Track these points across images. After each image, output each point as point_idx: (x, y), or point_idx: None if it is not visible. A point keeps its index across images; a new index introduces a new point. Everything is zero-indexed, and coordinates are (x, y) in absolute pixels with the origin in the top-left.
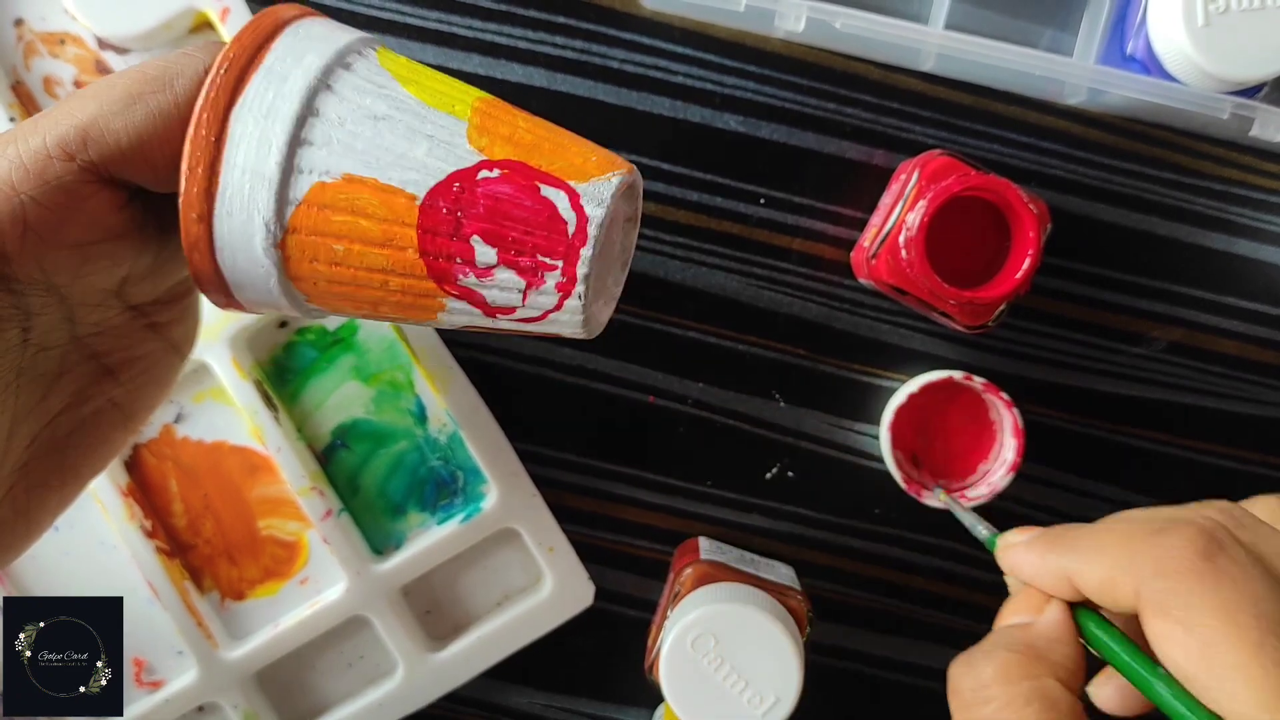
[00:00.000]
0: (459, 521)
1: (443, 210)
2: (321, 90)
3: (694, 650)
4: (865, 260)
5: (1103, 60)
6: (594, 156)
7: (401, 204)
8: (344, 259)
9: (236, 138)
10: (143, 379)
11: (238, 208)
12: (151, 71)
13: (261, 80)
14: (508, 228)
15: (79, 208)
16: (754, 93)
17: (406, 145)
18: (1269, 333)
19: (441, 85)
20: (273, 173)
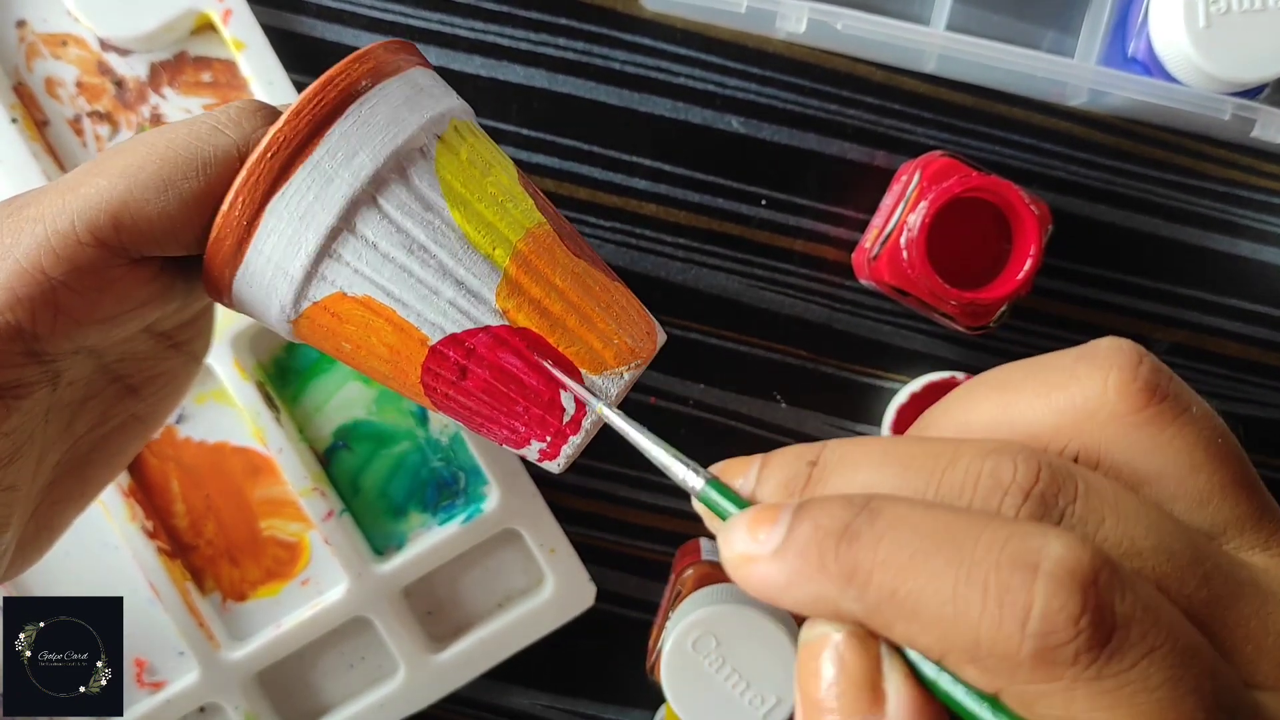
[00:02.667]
0: (460, 522)
1: (451, 360)
2: (365, 203)
3: (695, 651)
4: (866, 261)
5: (1104, 62)
6: (616, 341)
7: (413, 340)
8: (350, 354)
9: (268, 229)
10: (164, 391)
11: (258, 285)
12: (182, 153)
13: (305, 177)
14: (508, 396)
15: (109, 288)
16: (755, 94)
17: (434, 286)
18: (1271, 334)
19: (491, 213)
20: (297, 273)
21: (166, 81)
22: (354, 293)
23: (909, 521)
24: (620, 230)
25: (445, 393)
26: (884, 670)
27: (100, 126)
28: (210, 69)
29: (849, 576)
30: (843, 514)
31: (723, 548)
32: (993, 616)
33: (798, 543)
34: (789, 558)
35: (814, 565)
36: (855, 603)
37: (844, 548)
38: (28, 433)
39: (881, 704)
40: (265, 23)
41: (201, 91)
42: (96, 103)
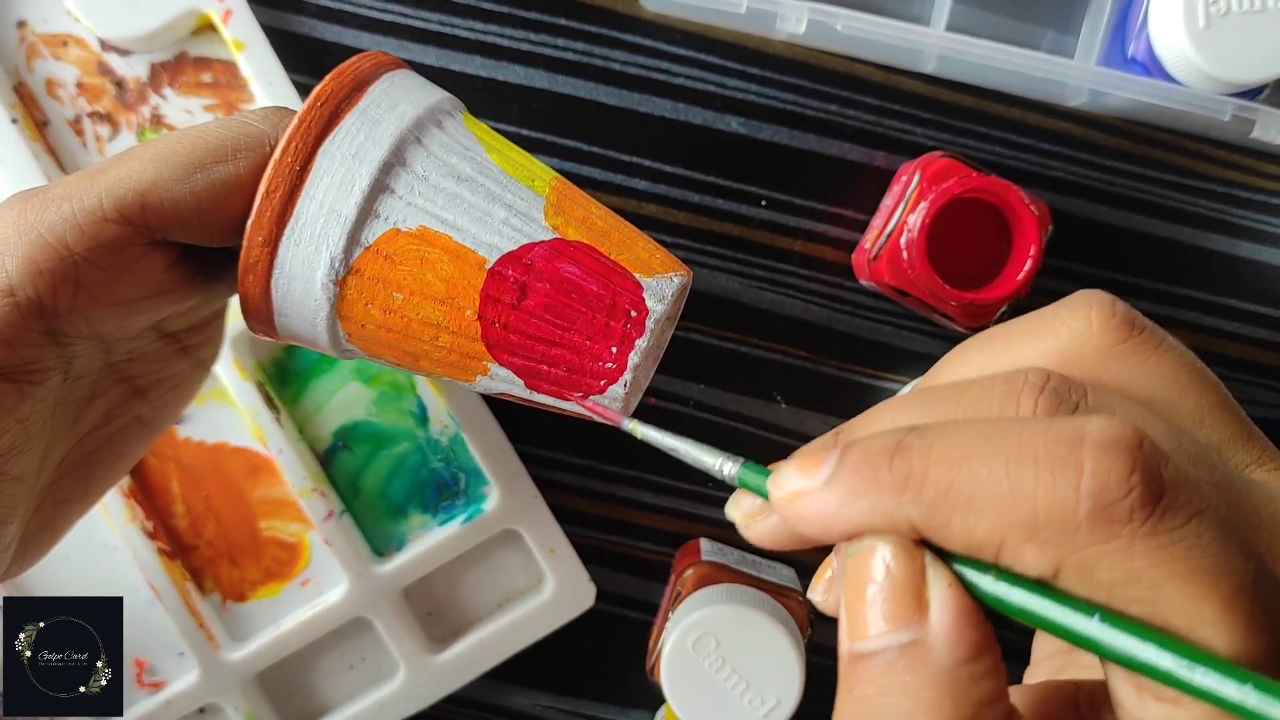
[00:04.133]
0: (460, 523)
1: (510, 279)
2: (411, 142)
3: (695, 652)
4: (866, 262)
5: (1104, 62)
6: (658, 254)
7: (471, 265)
8: (400, 308)
9: (321, 171)
10: (170, 395)
11: (307, 239)
12: (213, 140)
13: (355, 120)
14: (570, 307)
15: (130, 268)
16: (755, 94)
17: (485, 210)
18: (1270, 335)
19: (522, 159)
20: (350, 213)
21: (167, 82)
22: (409, 226)
23: (953, 429)
24: None
25: (505, 321)
26: (928, 578)
27: (101, 127)
28: (210, 69)
29: (904, 482)
30: (890, 437)
31: (774, 492)
32: (1047, 486)
33: (850, 466)
34: (842, 481)
35: (868, 481)
36: (912, 505)
37: (897, 459)
38: (39, 422)
39: (925, 610)
40: (265, 23)
41: (202, 92)
42: (97, 103)
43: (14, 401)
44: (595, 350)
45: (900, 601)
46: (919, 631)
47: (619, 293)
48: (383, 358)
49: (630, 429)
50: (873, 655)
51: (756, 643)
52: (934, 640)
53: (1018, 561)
